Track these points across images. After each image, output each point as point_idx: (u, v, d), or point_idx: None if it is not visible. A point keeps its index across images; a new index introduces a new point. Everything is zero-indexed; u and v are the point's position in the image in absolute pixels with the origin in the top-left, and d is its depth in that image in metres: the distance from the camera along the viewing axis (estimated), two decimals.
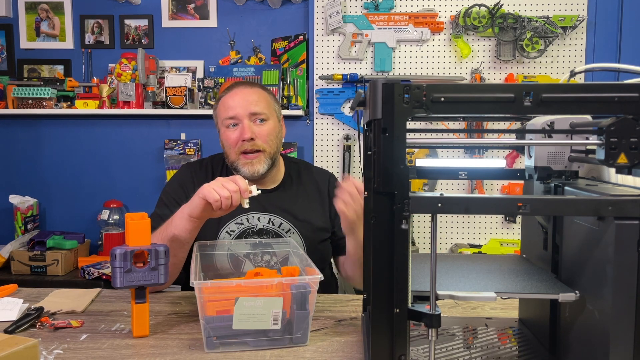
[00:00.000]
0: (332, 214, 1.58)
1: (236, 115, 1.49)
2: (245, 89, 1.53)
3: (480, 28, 2.62)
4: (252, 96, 1.52)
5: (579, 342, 0.84)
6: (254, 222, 1.52)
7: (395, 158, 0.77)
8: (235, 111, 1.49)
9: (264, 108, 1.52)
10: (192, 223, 1.30)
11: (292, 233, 1.52)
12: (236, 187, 1.24)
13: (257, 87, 1.57)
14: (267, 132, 1.51)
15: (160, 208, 1.52)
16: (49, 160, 2.95)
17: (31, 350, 0.86)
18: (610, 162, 0.75)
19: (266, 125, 1.52)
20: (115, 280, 1.07)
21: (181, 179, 1.59)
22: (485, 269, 0.99)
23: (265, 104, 1.53)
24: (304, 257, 1.22)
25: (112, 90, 2.79)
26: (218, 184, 1.24)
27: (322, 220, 1.57)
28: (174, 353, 1.04)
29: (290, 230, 1.53)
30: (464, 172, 1.06)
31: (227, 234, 1.51)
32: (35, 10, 2.93)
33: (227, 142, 1.52)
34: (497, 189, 2.72)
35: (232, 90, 1.54)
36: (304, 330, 1.07)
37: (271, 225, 1.52)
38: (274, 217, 1.53)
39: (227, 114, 1.51)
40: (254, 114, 1.50)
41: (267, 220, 1.52)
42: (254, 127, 1.50)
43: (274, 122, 1.55)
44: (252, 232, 1.51)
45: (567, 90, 0.76)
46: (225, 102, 1.52)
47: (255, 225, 1.52)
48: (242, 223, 1.51)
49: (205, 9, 2.88)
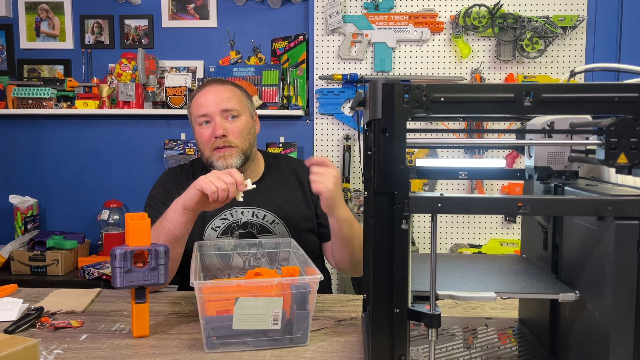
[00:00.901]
0: (314, 202, 1.60)
1: (208, 112, 1.51)
2: (217, 87, 1.55)
3: (480, 28, 2.62)
4: (223, 93, 1.54)
5: (579, 342, 0.84)
6: (237, 217, 1.53)
7: (395, 158, 0.77)
8: (207, 109, 1.51)
9: (235, 104, 1.53)
10: (186, 215, 1.31)
11: (277, 224, 1.54)
12: (232, 179, 1.25)
13: (229, 84, 1.59)
14: (238, 128, 1.53)
15: (148, 211, 1.53)
16: (49, 160, 2.95)
17: (31, 350, 0.86)
18: (610, 162, 0.75)
19: (238, 122, 1.53)
20: (115, 280, 1.07)
21: (164, 182, 1.62)
22: (485, 269, 0.99)
23: (237, 101, 1.55)
24: (303, 257, 1.22)
25: (112, 90, 2.79)
26: (214, 176, 1.25)
27: (305, 209, 1.58)
28: (174, 353, 1.04)
29: (275, 221, 1.54)
30: (464, 172, 1.06)
31: (213, 230, 1.52)
32: (35, 10, 2.93)
33: (201, 140, 1.54)
34: (497, 189, 2.72)
35: (204, 88, 1.56)
36: (304, 330, 1.07)
37: (255, 218, 1.53)
38: (257, 210, 1.53)
39: (200, 111, 1.53)
40: (225, 110, 1.52)
41: (251, 213, 1.53)
42: (226, 123, 1.52)
43: (246, 118, 1.56)
44: (237, 226, 1.52)
45: (567, 90, 0.76)
46: (198, 100, 1.55)
47: (239, 220, 1.53)
48: (227, 218, 1.52)
49: (205, 9, 2.88)
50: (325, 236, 1.58)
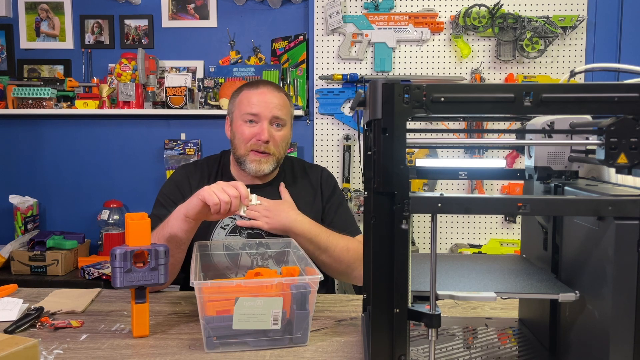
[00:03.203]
0: (323, 209, 1.61)
1: (259, 113, 1.51)
2: (273, 91, 1.55)
3: (480, 28, 2.62)
4: (277, 100, 1.54)
5: (579, 342, 0.84)
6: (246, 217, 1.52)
7: (395, 158, 0.77)
8: (259, 109, 1.51)
9: (285, 114, 1.54)
10: (187, 223, 1.30)
11: None
12: (237, 192, 1.23)
13: (283, 93, 1.59)
14: (281, 138, 1.54)
15: (158, 209, 1.53)
16: (49, 160, 2.95)
17: (31, 350, 0.86)
18: (610, 162, 0.75)
19: (282, 132, 1.55)
20: (115, 280, 1.07)
21: (177, 179, 1.61)
22: (485, 269, 0.99)
23: (286, 111, 1.56)
24: (303, 257, 1.22)
25: (112, 90, 2.79)
26: (219, 188, 1.23)
27: (313, 213, 1.58)
28: (174, 353, 1.04)
29: None
30: (464, 172, 1.06)
31: (222, 228, 1.52)
32: (35, 10, 2.93)
33: (241, 136, 1.53)
34: (497, 189, 2.72)
35: (259, 87, 1.55)
36: (304, 330, 1.07)
37: None
38: None
39: (250, 109, 1.52)
40: (275, 117, 1.52)
41: None
42: (272, 130, 1.52)
43: (288, 129, 1.58)
44: None
45: (567, 90, 0.76)
46: (250, 97, 1.53)
47: None
48: (235, 218, 1.52)
49: (205, 9, 2.88)
50: None
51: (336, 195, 1.64)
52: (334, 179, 1.69)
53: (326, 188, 1.65)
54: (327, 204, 1.62)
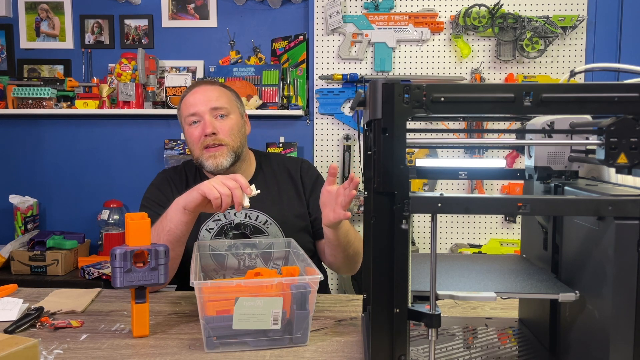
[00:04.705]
0: (307, 199, 1.60)
1: (197, 111, 1.52)
2: (205, 87, 1.57)
3: (480, 28, 2.62)
4: (212, 92, 1.54)
5: (579, 342, 0.84)
6: (230, 218, 1.52)
7: (395, 158, 0.77)
8: (197, 108, 1.52)
9: (224, 103, 1.54)
10: (186, 215, 1.30)
11: (270, 224, 1.53)
12: (236, 184, 1.24)
13: (217, 85, 1.60)
14: (228, 126, 1.53)
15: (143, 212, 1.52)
16: (49, 160, 2.95)
17: (31, 350, 0.86)
18: (610, 162, 0.75)
19: (228, 120, 1.54)
20: (115, 280, 1.07)
21: (158, 183, 1.63)
22: (485, 269, 0.99)
23: (226, 100, 1.56)
24: (303, 257, 1.22)
25: (112, 90, 2.79)
26: (218, 182, 1.24)
27: (298, 207, 1.58)
28: (174, 353, 1.04)
29: (268, 222, 1.53)
30: (464, 172, 1.06)
31: (207, 231, 1.52)
32: (35, 10, 2.93)
33: (191, 139, 1.54)
34: (497, 189, 2.72)
35: (192, 89, 1.58)
36: (304, 330, 1.07)
37: (248, 220, 1.53)
38: (250, 211, 1.53)
39: (189, 111, 1.53)
40: (215, 109, 1.52)
41: (244, 214, 1.53)
42: (216, 122, 1.52)
43: (236, 117, 1.56)
44: (230, 227, 1.52)
45: (567, 90, 0.76)
46: (187, 101, 1.55)
47: (232, 221, 1.52)
48: (220, 219, 1.52)
49: (205, 9, 2.88)
50: (319, 234, 1.57)
51: (319, 187, 1.62)
52: (315, 171, 1.68)
53: (307, 180, 1.63)
54: (311, 197, 1.60)
